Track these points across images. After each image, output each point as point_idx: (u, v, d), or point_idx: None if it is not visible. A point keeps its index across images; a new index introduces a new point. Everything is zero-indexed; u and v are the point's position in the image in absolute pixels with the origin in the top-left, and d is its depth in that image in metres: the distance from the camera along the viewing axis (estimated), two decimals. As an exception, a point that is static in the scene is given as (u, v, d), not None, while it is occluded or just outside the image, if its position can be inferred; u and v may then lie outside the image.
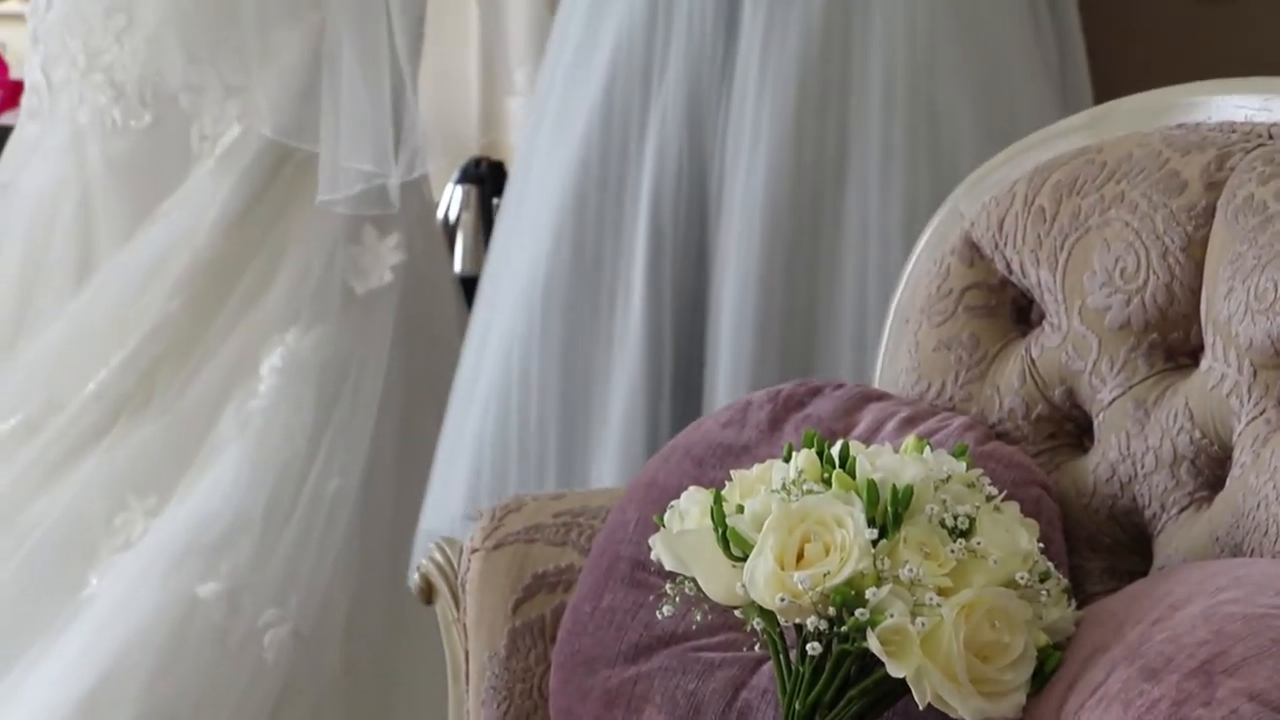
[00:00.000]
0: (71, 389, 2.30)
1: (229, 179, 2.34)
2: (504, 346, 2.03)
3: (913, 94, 1.91)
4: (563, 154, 2.00)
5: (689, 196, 1.95)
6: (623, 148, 1.97)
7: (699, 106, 1.95)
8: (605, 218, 1.98)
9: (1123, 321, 1.38)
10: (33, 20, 2.43)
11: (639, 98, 1.96)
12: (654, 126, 1.96)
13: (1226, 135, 1.38)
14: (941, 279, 1.51)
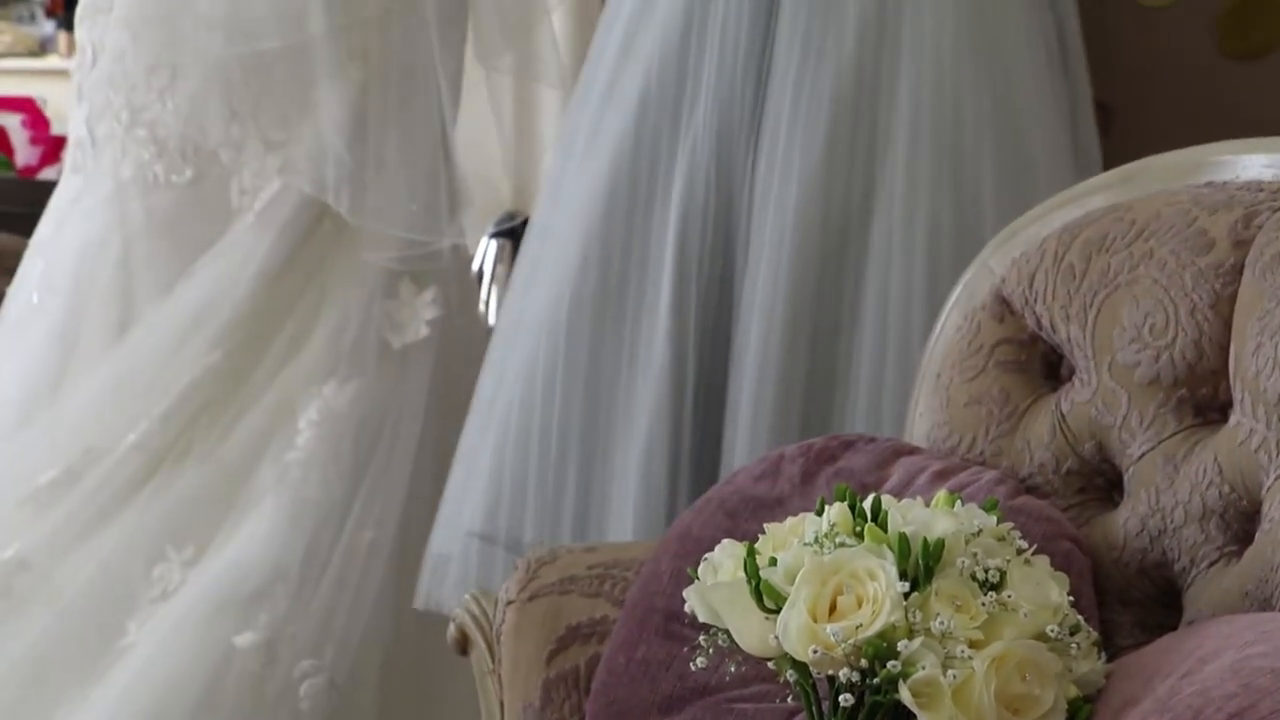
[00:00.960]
0: (112, 440, 2.30)
1: (268, 234, 2.35)
2: (527, 368, 2.02)
3: (938, 133, 1.91)
4: (591, 181, 2.01)
5: (715, 228, 1.95)
6: (650, 178, 1.98)
7: (728, 141, 1.95)
8: (632, 246, 1.98)
9: (1152, 377, 1.39)
10: (77, 76, 2.43)
11: (668, 130, 1.97)
12: (683, 159, 1.96)
13: (1254, 194, 1.38)
14: (972, 334, 1.52)
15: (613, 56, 2.02)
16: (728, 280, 1.96)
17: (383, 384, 2.37)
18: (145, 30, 2.35)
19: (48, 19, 5.56)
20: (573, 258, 1.99)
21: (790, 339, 1.92)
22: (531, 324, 2.03)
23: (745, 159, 1.95)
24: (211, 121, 2.35)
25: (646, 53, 1.98)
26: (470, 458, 2.08)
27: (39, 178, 4.46)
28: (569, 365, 1.98)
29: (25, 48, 5.46)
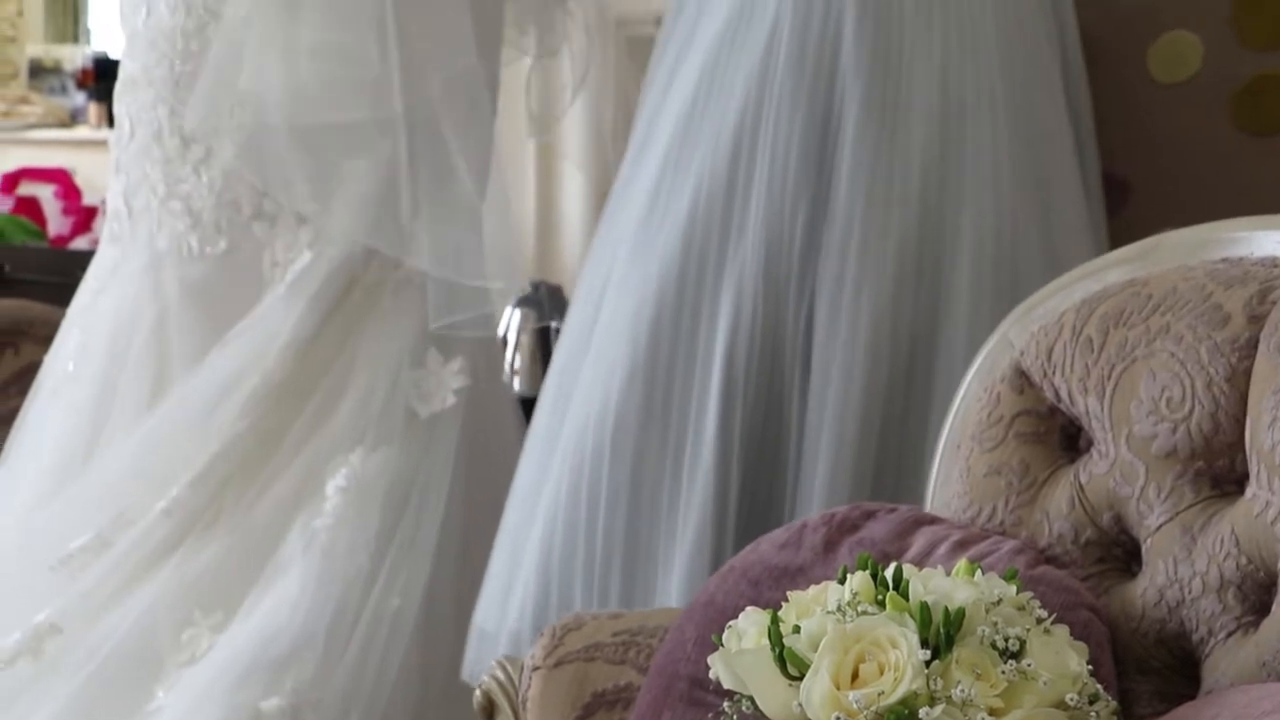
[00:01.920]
0: (143, 506, 2.32)
1: (299, 304, 2.37)
2: (573, 470, 2.00)
3: (998, 259, 1.90)
4: (637, 296, 1.98)
5: (763, 350, 1.92)
6: (697, 298, 1.94)
7: (777, 263, 1.91)
8: (677, 364, 1.94)
9: (1169, 449, 1.39)
10: (115, 150, 2.46)
11: (716, 249, 1.93)
12: (730, 279, 1.92)
13: (1269, 269, 1.39)
14: (992, 406, 1.53)
15: (656, 164, 1.99)
16: (775, 400, 1.93)
17: (410, 452, 2.38)
18: (182, 106, 2.38)
19: (79, 90, 5.60)
20: (618, 372, 1.96)
21: (859, 458, 1.90)
22: (574, 434, 2.00)
23: (796, 282, 1.91)
24: (245, 195, 2.38)
25: (696, 169, 1.95)
26: (514, 541, 2.07)
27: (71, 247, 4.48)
28: (613, 480, 1.95)
29: (57, 119, 5.50)
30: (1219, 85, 2.21)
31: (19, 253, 3.98)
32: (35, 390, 2.53)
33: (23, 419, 2.53)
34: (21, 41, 5.85)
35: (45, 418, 2.48)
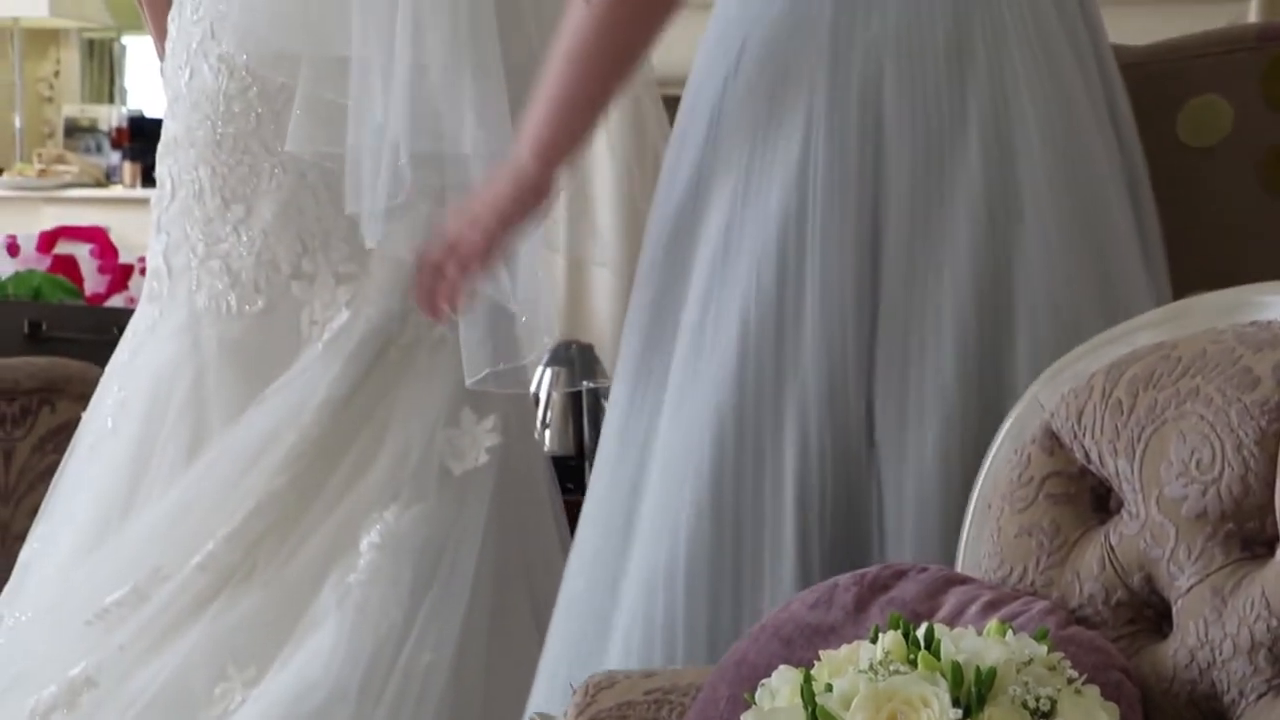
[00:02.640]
0: (179, 561, 2.32)
1: (336, 362, 2.37)
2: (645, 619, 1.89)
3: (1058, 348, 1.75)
4: (694, 434, 1.86)
5: (835, 479, 1.80)
6: (759, 436, 1.82)
7: (838, 384, 1.80)
8: (745, 506, 1.83)
9: (1199, 511, 1.40)
10: (156, 210, 2.47)
11: (772, 380, 1.82)
12: (791, 409, 1.81)
13: (1299, 333, 1.40)
14: (1023, 467, 1.54)
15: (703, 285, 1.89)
16: (854, 529, 1.81)
17: (443, 509, 2.39)
18: (223, 166, 2.40)
19: (114, 150, 5.63)
20: (683, 504, 1.86)
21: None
22: (644, 576, 1.90)
23: (856, 400, 1.80)
24: (284, 254, 2.39)
25: (741, 292, 1.84)
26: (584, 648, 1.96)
27: (107, 305, 4.50)
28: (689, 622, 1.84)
29: (92, 177, 5.53)
30: (1249, 149, 2.21)
31: (56, 311, 4.00)
32: (73, 446, 2.53)
33: (60, 475, 2.53)
34: (58, 101, 5.90)
35: (83, 474, 2.48)
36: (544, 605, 2.50)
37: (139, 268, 4.52)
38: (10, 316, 3.87)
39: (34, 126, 5.80)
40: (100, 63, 6.02)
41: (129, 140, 5.55)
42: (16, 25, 5.58)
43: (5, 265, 4.75)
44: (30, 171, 5.47)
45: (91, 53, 5.99)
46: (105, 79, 6.02)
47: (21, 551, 2.52)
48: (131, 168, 5.47)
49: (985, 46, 1.79)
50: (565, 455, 3.55)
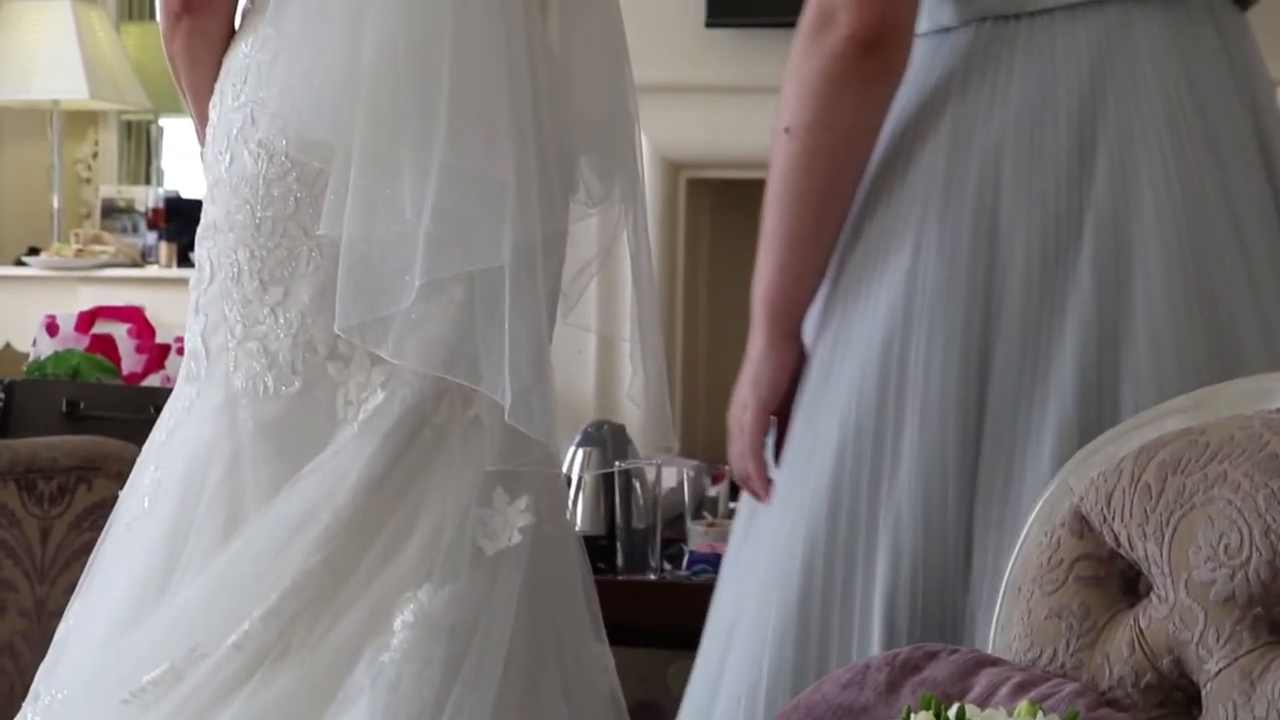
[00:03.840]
0: (215, 640, 2.32)
1: (371, 443, 2.38)
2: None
3: None
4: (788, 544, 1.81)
5: (926, 608, 1.73)
6: (849, 561, 1.76)
7: (934, 503, 1.73)
8: (830, 632, 1.77)
9: (1228, 595, 1.41)
10: (194, 292, 2.49)
11: (868, 494, 1.76)
12: (885, 525, 1.74)
13: (1324, 420, 1.41)
14: (1052, 550, 1.55)
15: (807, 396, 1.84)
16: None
17: (475, 589, 2.39)
18: (262, 250, 2.43)
19: (150, 230, 5.67)
20: (767, 641, 1.80)
21: None
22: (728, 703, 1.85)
23: (954, 520, 1.72)
24: (320, 336, 2.40)
25: (842, 404, 1.79)
26: None
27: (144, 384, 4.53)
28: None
29: (128, 257, 5.57)
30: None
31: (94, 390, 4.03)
32: (110, 525, 2.54)
33: (97, 553, 2.53)
34: (96, 182, 5.95)
35: (120, 552, 2.48)
36: (575, 685, 2.51)
37: (176, 347, 4.55)
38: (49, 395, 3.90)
39: (71, 207, 5.85)
40: (138, 144, 6.07)
41: (165, 221, 5.59)
42: (56, 107, 5.64)
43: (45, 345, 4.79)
44: (67, 251, 5.52)
45: (129, 134, 6.05)
46: (142, 160, 6.08)
47: (58, 629, 2.53)
48: (167, 248, 5.51)
49: (1109, 148, 1.73)
50: (597, 535, 3.56)
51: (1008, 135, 1.75)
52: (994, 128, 1.75)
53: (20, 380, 4.06)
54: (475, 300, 2.38)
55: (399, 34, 2.36)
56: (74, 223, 5.82)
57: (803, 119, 1.78)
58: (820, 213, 1.82)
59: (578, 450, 3.68)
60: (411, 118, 2.34)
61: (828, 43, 1.73)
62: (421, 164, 2.33)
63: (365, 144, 2.33)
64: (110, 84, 5.49)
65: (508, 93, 2.38)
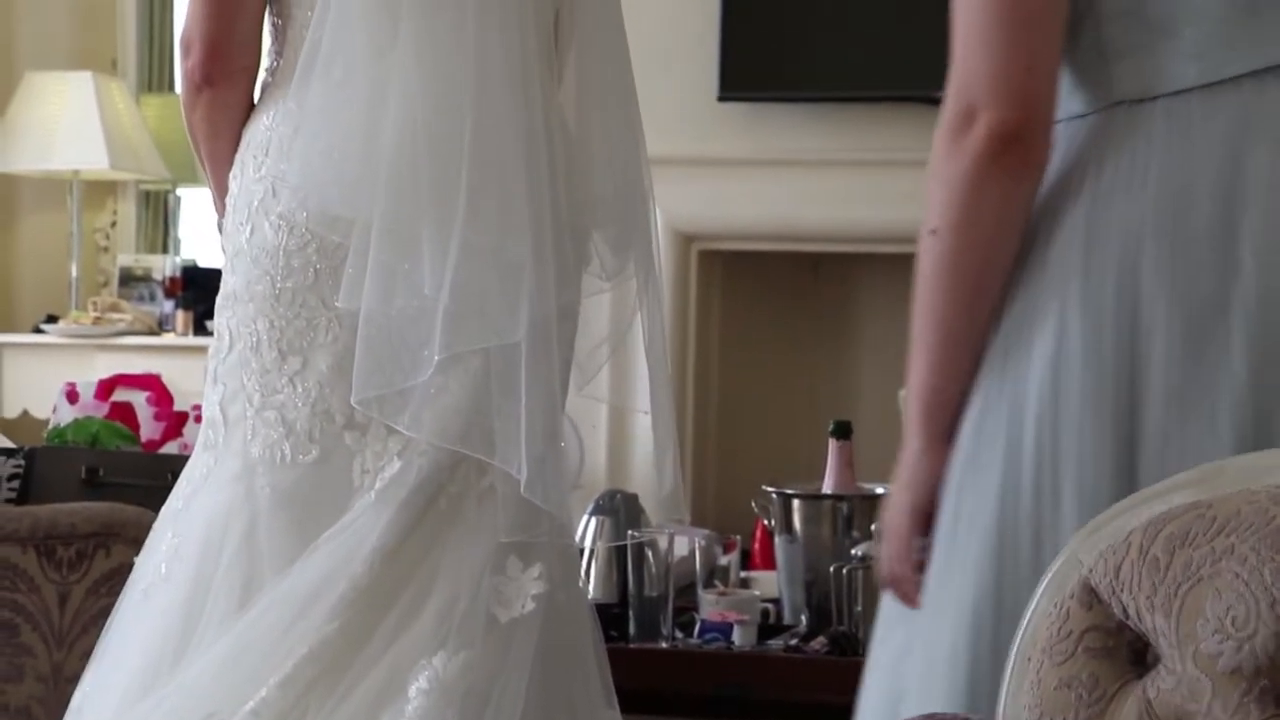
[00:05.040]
0: (232, 706, 2.32)
1: (387, 512, 2.39)
2: None
3: None
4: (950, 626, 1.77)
5: None
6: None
7: None
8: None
9: (1234, 667, 1.41)
10: (213, 361, 2.51)
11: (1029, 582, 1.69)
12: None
13: (1330, 495, 1.42)
14: (1061, 621, 1.55)
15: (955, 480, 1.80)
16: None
17: (489, 656, 2.39)
18: (281, 320, 2.44)
19: (167, 298, 5.69)
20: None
21: None
22: None
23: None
24: (338, 406, 2.42)
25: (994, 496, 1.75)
26: None
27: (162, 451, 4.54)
28: None
29: (145, 325, 5.59)
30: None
31: (113, 457, 4.03)
32: (126, 591, 2.55)
33: (113, 619, 2.54)
34: (114, 251, 5.98)
35: (136, 619, 2.49)
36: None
37: (194, 415, 4.57)
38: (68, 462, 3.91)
39: (90, 275, 5.88)
40: (156, 214, 6.11)
41: (182, 289, 5.62)
42: (76, 177, 5.68)
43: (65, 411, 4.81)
44: (85, 319, 5.54)
45: (148, 204, 6.09)
46: (160, 230, 6.11)
47: (74, 695, 2.54)
48: (184, 316, 5.53)
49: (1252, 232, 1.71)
50: (609, 603, 3.57)
51: (1147, 219, 1.72)
52: (1134, 212, 1.73)
53: (40, 447, 4.07)
54: (491, 372, 2.39)
55: (420, 110, 2.38)
56: (92, 291, 5.85)
57: (949, 219, 1.75)
58: (971, 309, 1.79)
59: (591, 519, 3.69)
60: (431, 194, 2.36)
61: (969, 143, 1.71)
62: (440, 240, 2.35)
63: (385, 219, 2.35)
64: (130, 154, 5.53)
65: (525, 169, 2.40)
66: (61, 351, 5.48)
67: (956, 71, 1.74)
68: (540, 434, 2.39)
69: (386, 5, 2.40)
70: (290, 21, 2.49)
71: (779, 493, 3.61)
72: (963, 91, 1.73)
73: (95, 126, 5.44)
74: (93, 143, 5.43)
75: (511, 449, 2.37)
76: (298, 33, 2.46)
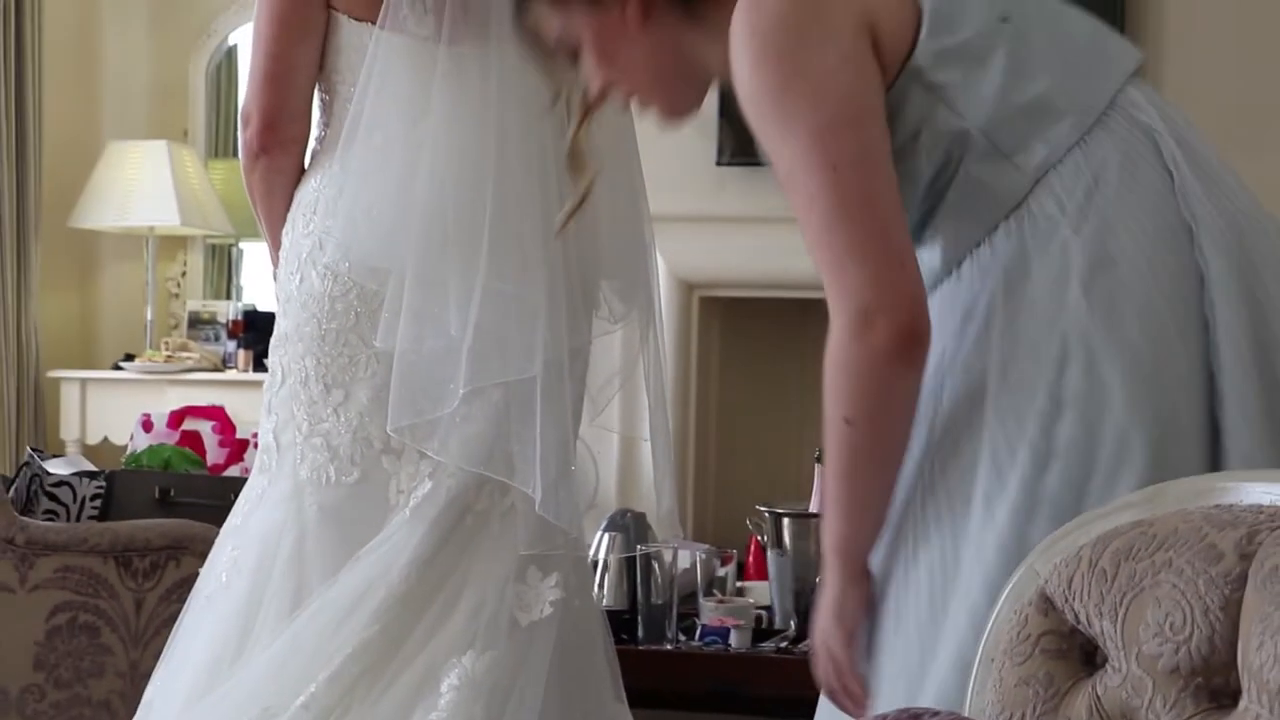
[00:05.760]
0: (284, 701, 2.32)
1: (420, 527, 2.39)
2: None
3: None
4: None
5: None
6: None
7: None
8: None
9: (1173, 667, 1.40)
10: (267, 394, 2.51)
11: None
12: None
13: (1255, 515, 1.41)
14: (1021, 626, 1.54)
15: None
16: None
17: (512, 654, 2.39)
18: (326, 357, 2.44)
19: (230, 339, 5.70)
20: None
21: None
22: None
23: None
24: (376, 433, 2.42)
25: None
26: None
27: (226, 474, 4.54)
28: None
29: (210, 363, 5.60)
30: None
31: (183, 479, 4.04)
32: (192, 597, 2.55)
33: (181, 623, 2.54)
34: (184, 297, 5.99)
35: (200, 622, 2.49)
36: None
37: (253, 442, 4.56)
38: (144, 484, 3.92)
39: (162, 319, 5.89)
40: (220, 264, 6.12)
41: (243, 331, 5.62)
42: (151, 233, 5.69)
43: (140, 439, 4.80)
44: (158, 358, 5.55)
45: (214, 256, 6.10)
46: (224, 278, 6.12)
47: (146, 690, 2.54)
48: (245, 354, 5.54)
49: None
50: (620, 609, 3.56)
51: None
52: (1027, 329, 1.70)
53: (119, 471, 4.08)
54: (510, 403, 2.39)
55: (448, 175, 2.39)
56: (164, 332, 5.85)
57: (863, 411, 1.71)
58: (884, 477, 1.77)
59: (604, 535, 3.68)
60: (457, 249, 2.37)
61: (872, 341, 1.68)
62: (465, 287, 2.35)
63: (416, 270, 2.36)
64: (198, 212, 5.54)
65: (542, 224, 2.41)
66: (137, 386, 5.48)
67: (839, 278, 1.70)
68: (554, 458, 2.39)
69: (420, 82, 2.41)
70: (336, 97, 2.50)
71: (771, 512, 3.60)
72: (854, 295, 1.69)
73: (168, 188, 5.45)
74: (166, 202, 5.44)
75: (529, 472, 2.37)
76: (342, 106, 2.47)
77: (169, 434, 4.78)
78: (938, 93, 1.73)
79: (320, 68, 2.49)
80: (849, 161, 1.69)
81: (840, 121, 1.69)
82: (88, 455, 5.10)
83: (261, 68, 2.47)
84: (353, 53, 2.44)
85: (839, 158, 1.69)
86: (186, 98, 5.94)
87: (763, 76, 1.71)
